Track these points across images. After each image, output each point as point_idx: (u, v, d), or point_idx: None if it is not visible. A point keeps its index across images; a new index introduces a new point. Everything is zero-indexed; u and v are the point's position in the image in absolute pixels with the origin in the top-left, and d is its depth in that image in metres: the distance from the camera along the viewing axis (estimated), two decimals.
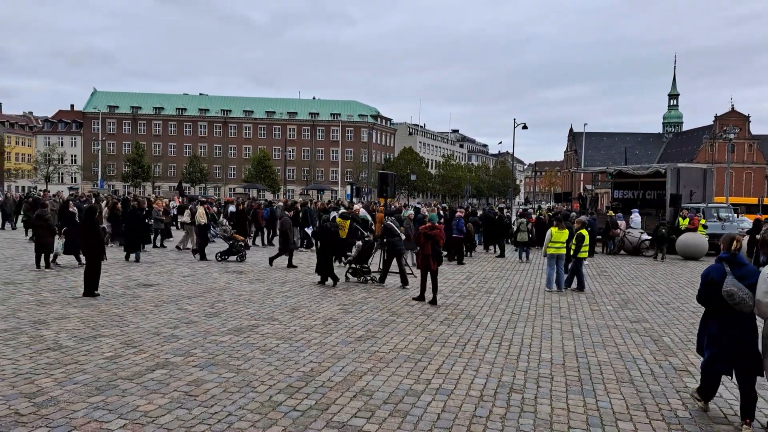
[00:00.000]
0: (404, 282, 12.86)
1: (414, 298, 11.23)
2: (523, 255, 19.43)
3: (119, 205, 19.83)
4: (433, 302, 10.94)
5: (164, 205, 23.04)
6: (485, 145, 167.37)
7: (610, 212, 24.91)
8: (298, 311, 9.82)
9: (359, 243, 14.09)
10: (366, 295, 11.64)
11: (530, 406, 5.77)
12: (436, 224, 11.07)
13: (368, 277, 13.50)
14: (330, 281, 12.87)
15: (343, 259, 15.66)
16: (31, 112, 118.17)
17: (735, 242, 5.59)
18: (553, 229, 13.05)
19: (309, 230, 20.36)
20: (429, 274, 11.00)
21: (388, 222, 13.82)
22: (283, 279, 13.44)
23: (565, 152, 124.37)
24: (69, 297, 10.41)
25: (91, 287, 10.61)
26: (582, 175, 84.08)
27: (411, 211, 20.52)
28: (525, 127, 45.38)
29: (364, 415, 5.38)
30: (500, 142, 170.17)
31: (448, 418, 5.40)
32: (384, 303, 10.84)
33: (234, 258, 16.69)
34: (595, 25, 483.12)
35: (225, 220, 19.56)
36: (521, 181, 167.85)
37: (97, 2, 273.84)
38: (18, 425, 4.86)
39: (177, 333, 8.10)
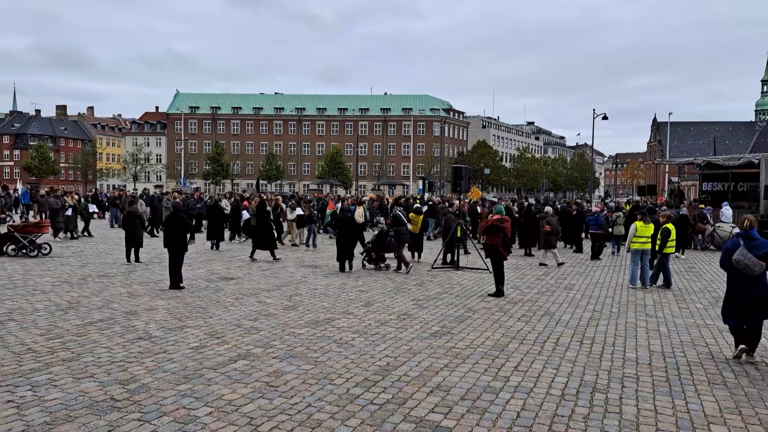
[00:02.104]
0: (399, 268, 14.04)
1: (490, 294, 11.06)
2: (616, 249, 19.44)
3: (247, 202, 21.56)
4: (499, 294, 10.82)
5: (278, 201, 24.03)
6: (562, 137, 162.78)
7: (702, 205, 23.63)
8: (372, 306, 9.88)
9: (376, 232, 15.24)
10: (440, 290, 11.58)
11: (615, 407, 5.55)
12: (505, 216, 11.14)
13: (382, 264, 14.41)
14: (347, 267, 13.95)
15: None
16: (120, 115, 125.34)
17: (746, 221, 7.14)
18: (638, 224, 12.49)
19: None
20: (497, 265, 10.95)
21: (396, 211, 14.80)
22: (357, 274, 13.58)
23: (648, 143, 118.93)
24: (157, 289, 10.94)
25: (176, 280, 11.10)
26: (667, 167, 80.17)
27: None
28: (605, 118, 43.82)
29: (442, 410, 5.33)
30: (578, 134, 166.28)
31: (529, 416, 5.27)
32: (459, 299, 10.74)
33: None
34: (681, 6, 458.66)
35: (381, 218, 19.86)
36: (601, 173, 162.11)
37: (171, 7, 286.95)
38: (113, 410, 5.14)
39: (257, 325, 8.33)
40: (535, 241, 18.72)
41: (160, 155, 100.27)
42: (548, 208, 18.37)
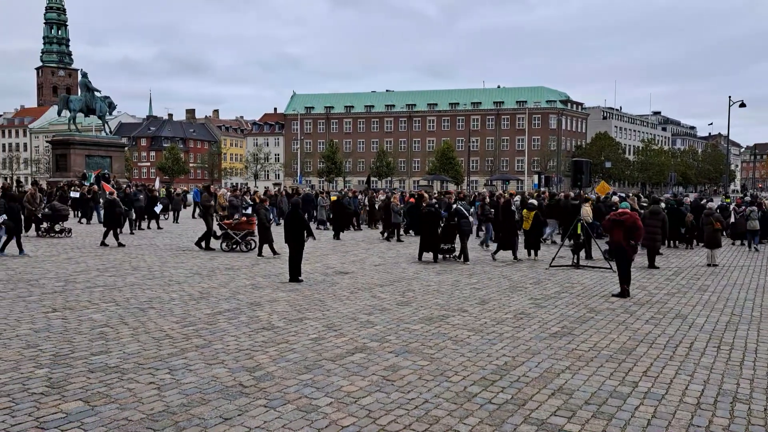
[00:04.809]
0: (465, 259, 14.71)
1: (614, 294, 10.48)
2: (752, 244, 18.56)
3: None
4: (624, 294, 10.23)
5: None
6: (692, 128, 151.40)
7: None
8: (487, 303, 9.70)
9: (441, 225, 15.71)
10: (559, 289, 11.15)
11: (759, 419, 5.05)
12: (628, 210, 10.45)
13: (450, 256, 15.21)
14: (431, 257, 14.94)
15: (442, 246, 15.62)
16: (242, 117, 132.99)
17: None
18: None
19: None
20: (623, 264, 10.33)
21: (458, 205, 15.49)
22: (471, 271, 13.41)
23: None
24: (278, 282, 11.43)
25: (295, 274, 11.54)
26: None
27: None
28: (743, 105, 40.15)
29: (565, 414, 5.11)
30: (710, 123, 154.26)
31: (660, 424, 4.92)
32: (580, 298, 10.28)
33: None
34: None
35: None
36: (737, 166, 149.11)
37: (281, 12, 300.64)
38: (242, 395, 5.42)
39: (372, 319, 8.46)
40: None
41: (278, 154, 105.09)
42: (711, 204, 17.30)
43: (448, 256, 15.27)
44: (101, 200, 25.35)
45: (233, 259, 14.62)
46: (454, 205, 16.27)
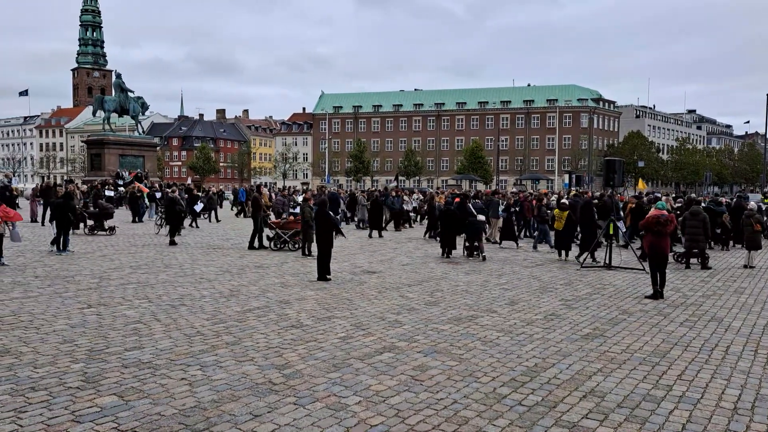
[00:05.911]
0: (479, 254, 15.23)
1: (647, 296, 10.28)
2: None
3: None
4: (658, 296, 10.04)
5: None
6: (728, 126, 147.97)
7: None
8: (517, 304, 9.61)
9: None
10: (590, 291, 10.98)
11: None
12: (666, 212, 10.24)
13: (475, 253, 15.54)
14: (451, 254, 15.52)
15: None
16: (271, 116, 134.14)
17: None
18: None
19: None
20: (659, 266, 10.12)
21: (469, 204, 16.04)
22: (500, 271, 13.30)
23: None
24: (306, 281, 11.50)
25: (323, 272, 11.59)
26: None
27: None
28: None
29: (597, 417, 5.03)
30: (747, 122, 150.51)
31: (696, 429, 4.81)
32: (612, 300, 10.11)
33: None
34: None
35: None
36: None
37: (308, 13, 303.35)
38: (272, 393, 5.46)
39: (400, 319, 8.44)
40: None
41: (306, 154, 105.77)
42: (752, 204, 16.86)
43: (466, 253, 15.63)
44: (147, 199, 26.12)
45: (262, 258, 14.76)
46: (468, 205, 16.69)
